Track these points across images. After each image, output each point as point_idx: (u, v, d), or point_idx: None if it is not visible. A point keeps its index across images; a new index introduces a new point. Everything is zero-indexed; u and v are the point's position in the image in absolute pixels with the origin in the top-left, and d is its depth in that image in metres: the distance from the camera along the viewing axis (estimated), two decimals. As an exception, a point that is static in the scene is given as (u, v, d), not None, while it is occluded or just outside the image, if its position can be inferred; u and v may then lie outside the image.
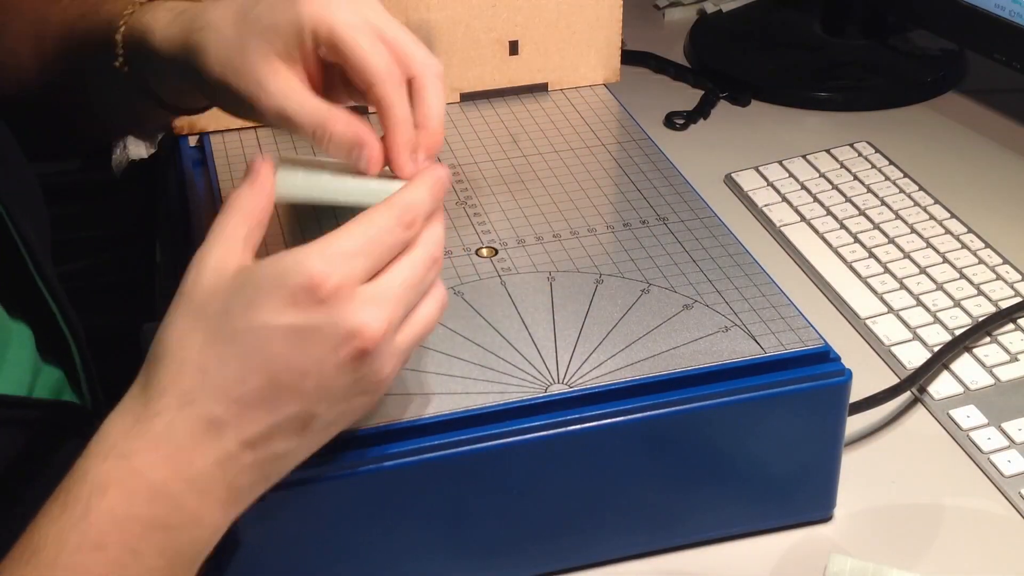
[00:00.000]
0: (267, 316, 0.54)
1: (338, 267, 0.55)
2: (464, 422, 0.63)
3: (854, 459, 0.75)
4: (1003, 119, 1.12)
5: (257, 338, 0.55)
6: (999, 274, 0.89)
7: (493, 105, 0.95)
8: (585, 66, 0.98)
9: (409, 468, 0.62)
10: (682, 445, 0.66)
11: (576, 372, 0.66)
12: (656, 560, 0.69)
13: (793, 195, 1.00)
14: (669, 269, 0.74)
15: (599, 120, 0.93)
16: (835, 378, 0.67)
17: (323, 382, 0.55)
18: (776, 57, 1.23)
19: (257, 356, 0.55)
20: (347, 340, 0.55)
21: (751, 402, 0.66)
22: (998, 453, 0.75)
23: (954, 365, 0.82)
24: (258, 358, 0.55)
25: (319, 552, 0.63)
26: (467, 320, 0.70)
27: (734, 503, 0.69)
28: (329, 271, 0.55)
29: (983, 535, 0.71)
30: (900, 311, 0.87)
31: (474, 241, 0.77)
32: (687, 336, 0.69)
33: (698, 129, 1.13)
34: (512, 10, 0.95)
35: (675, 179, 0.84)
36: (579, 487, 0.66)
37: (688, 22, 1.31)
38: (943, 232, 0.94)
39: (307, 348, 0.55)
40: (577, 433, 0.64)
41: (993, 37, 1.06)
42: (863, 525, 0.71)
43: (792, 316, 0.70)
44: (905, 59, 1.21)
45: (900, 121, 1.13)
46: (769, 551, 0.70)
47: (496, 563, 0.67)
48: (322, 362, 0.55)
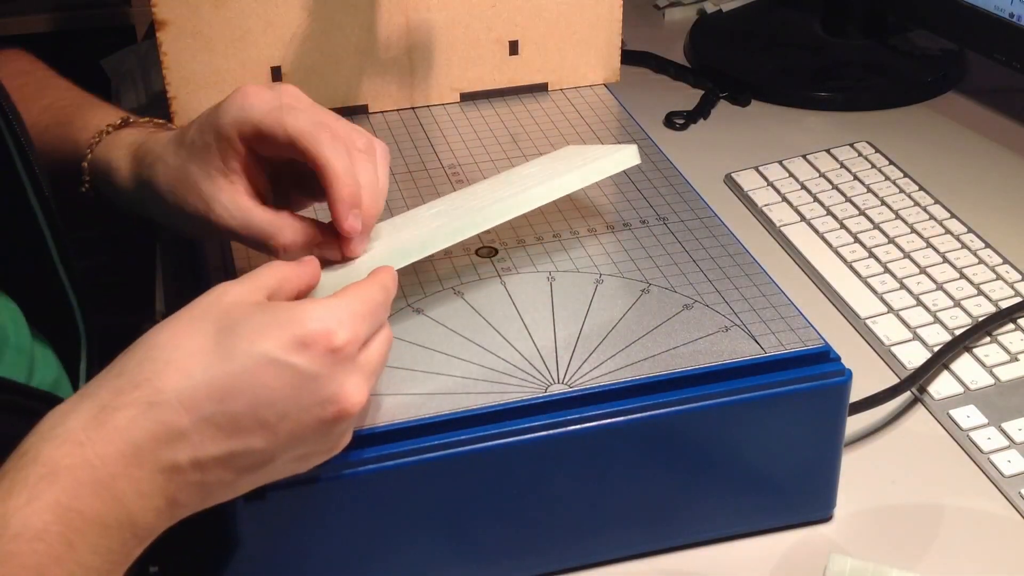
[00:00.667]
0: (272, 347, 0.54)
1: (349, 328, 0.56)
2: (464, 422, 0.63)
3: (854, 459, 0.75)
4: (1003, 119, 1.12)
5: (255, 364, 0.54)
6: (999, 274, 0.89)
7: (493, 105, 0.95)
8: (585, 66, 0.98)
9: (409, 468, 0.62)
10: (682, 445, 0.66)
11: (576, 372, 0.66)
12: (656, 560, 0.69)
13: (793, 195, 1.00)
14: (669, 269, 0.74)
15: (599, 120, 0.93)
16: (835, 378, 0.67)
17: (297, 431, 0.55)
18: (776, 57, 1.23)
19: (247, 382, 0.54)
20: (335, 400, 0.56)
21: (751, 402, 0.66)
22: (998, 453, 0.75)
23: (954, 365, 0.82)
24: (247, 384, 0.54)
25: (319, 552, 0.63)
26: (467, 320, 0.70)
27: (734, 503, 0.69)
28: (343, 328, 0.56)
29: (983, 535, 0.71)
30: (900, 311, 0.87)
31: (474, 241, 0.77)
32: (687, 336, 0.69)
33: (698, 129, 1.13)
34: (512, 10, 0.95)
35: (675, 179, 0.84)
36: (579, 487, 0.66)
37: (688, 22, 1.31)
38: (943, 232, 0.94)
39: (298, 393, 0.55)
40: (577, 433, 0.64)
41: (993, 37, 1.06)
42: (863, 525, 0.71)
43: (792, 316, 0.70)
44: (905, 59, 1.21)
45: (900, 121, 1.13)
46: (769, 551, 0.70)
47: (496, 563, 0.67)
48: (305, 411, 0.55)
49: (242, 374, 0.54)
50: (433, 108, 0.95)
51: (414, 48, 0.94)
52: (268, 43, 0.91)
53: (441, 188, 0.83)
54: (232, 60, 0.90)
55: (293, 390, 0.55)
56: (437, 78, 0.95)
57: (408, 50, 0.94)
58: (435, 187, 0.83)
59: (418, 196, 0.82)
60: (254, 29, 0.90)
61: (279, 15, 0.90)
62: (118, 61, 1.22)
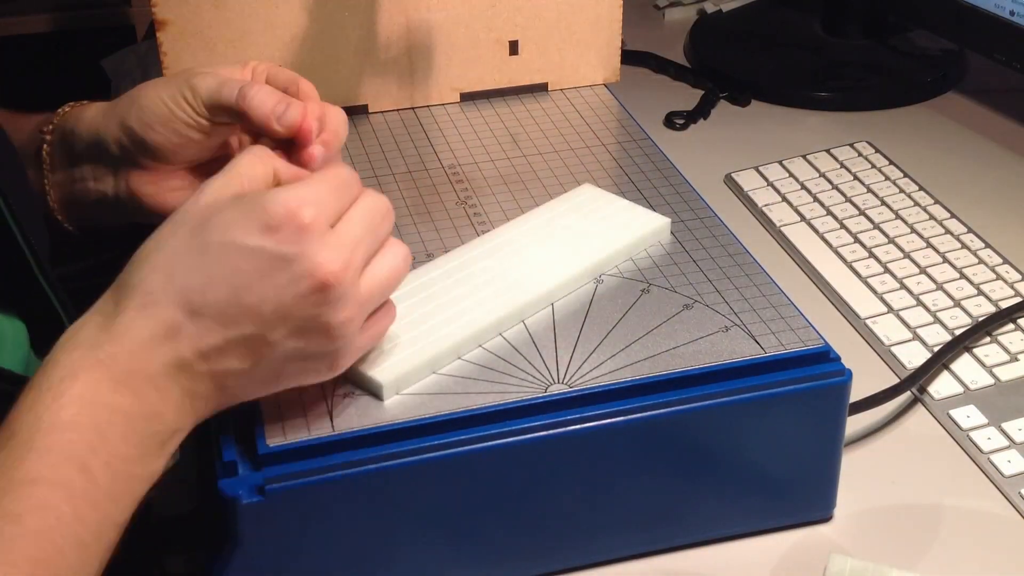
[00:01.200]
0: (241, 235, 0.58)
1: (314, 205, 0.58)
2: (464, 422, 0.63)
3: (854, 459, 0.75)
4: (1003, 119, 1.12)
5: (227, 254, 0.58)
6: (999, 274, 0.89)
7: (493, 105, 0.95)
8: (585, 66, 0.98)
9: (409, 468, 0.62)
10: (682, 445, 0.66)
11: (576, 372, 0.66)
12: (656, 560, 0.69)
13: (793, 195, 1.00)
14: (669, 269, 0.74)
15: (599, 120, 0.93)
16: (835, 378, 0.67)
17: (281, 309, 0.58)
18: (776, 57, 1.23)
19: (223, 271, 0.57)
20: (310, 273, 0.57)
21: (751, 402, 0.66)
22: (998, 453, 0.75)
23: (954, 365, 0.82)
24: (223, 273, 0.57)
25: (319, 552, 0.63)
26: (467, 320, 0.70)
27: (734, 503, 0.69)
28: (306, 206, 0.58)
29: (983, 535, 0.71)
30: (900, 311, 0.87)
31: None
32: (687, 336, 0.69)
33: (698, 129, 1.13)
34: (512, 10, 0.95)
35: (675, 179, 0.84)
36: (579, 487, 0.66)
37: (688, 22, 1.31)
38: (943, 232, 0.94)
39: (271, 273, 0.57)
40: (577, 433, 0.64)
41: (993, 37, 1.06)
42: (863, 525, 0.71)
43: (792, 316, 0.70)
44: (905, 59, 1.21)
45: (900, 121, 1.13)
46: (769, 551, 0.70)
47: (496, 563, 0.67)
48: (282, 289, 0.57)
49: (217, 265, 0.58)
50: (433, 108, 0.95)
51: (414, 48, 0.94)
52: (268, 43, 0.91)
53: (441, 188, 0.83)
54: (232, 60, 0.90)
55: (266, 272, 0.57)
56: (437, 78, 0.95)
57: (408, 50, 0.93)
58: (435, 187, 0.83)
59: (418, 196, 0.82)
60: (254, 29, 0.90)
61: (279, 15, 0.90)
62: (118, 61, 1.22)
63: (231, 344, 0.58)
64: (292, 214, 0.57)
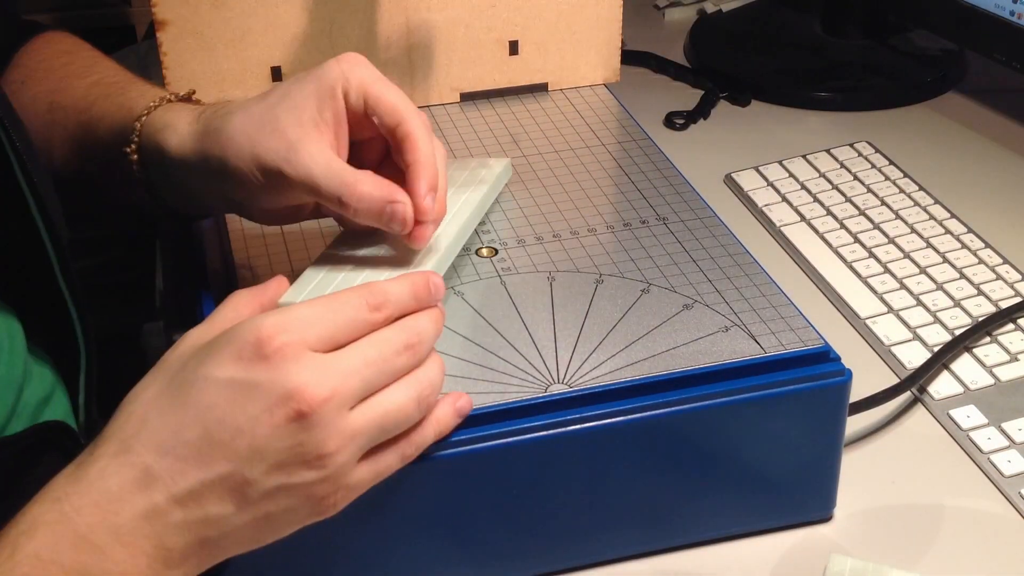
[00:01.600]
0: (211, 369, 0.55)
1: (289, 329, 0.55)
2: (464, 422, 0.63)
3: (854, 459, 0.75)
4: (1003, 119, 1.12)
5: (198, 390, 0.54)
6: (999, 274, 0.89)
7: (493, 105, 0.96)
8: (585, 66, 0.98)
9: (409, 468, 0.62)
10: (682, 445, 0.66)
11: (576, 372, 0.66)
12: (656, 560, 0.69)
13: (793, 195, 1.00)
14: (669, 269, 0.74)
15: (599, 120, 0.93)
16: (835, 378, 0.67)
17: (256, 443, 0.54)
18: (776, 57, 1.23)
19: (195, 408, 0.54)
20: (284, 401, 0.54)
21: (751, 402, 0.66)
22: (998, 453, 0.75)
23: (954, 365, 0.82)
24: (195, 410, 0.54)
25: (318, 552, 0.63)
26: (467, 320, 0.70)
27: (734, 503, 0.69)
28: (278, 331, 0.54)
29: (983, 535, 0.71)
30: (900, 311, 0.87)
31: (474, 241, 0.77)
32: (687, 336, 0.69)
33: (698, 129, 1.13)
34: (512, 10, 0.95)
35: (675, 179, 0.84)
36: (579, 487, 0.66)
37: (688, 22, 1.31)
38: (943, 232, 0.94)
39: (243, 404, 0.54)
40: (577, 433, 0.64)
41: (993, 37, 1.06)
42: (863, 525, 0.71)
43: (792, 316, 0.70)
44: (905, 59, 1.21)
45: (900, 121, 1.13)
46: (769, 551, 0.70)
47: (496, 563, 0.67)
48: (256, 421, 0.54)
49: (190, 402, 0.54)
50: (433, 108, 0.95)
51: (414, 48, 0.94)
52: (268, 43, 0.91)
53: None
54: (232, 60, 0.90)
55: (238, 403, 0.54)
56: (437, 78, 0.95)
57: (408, 50, 0.94)
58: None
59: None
60: (254, 29, 0.90)
61: (279, 15, 0.90)
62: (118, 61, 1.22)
63: (207, 486, 0.54)
64: (264, 340, 0.54)
